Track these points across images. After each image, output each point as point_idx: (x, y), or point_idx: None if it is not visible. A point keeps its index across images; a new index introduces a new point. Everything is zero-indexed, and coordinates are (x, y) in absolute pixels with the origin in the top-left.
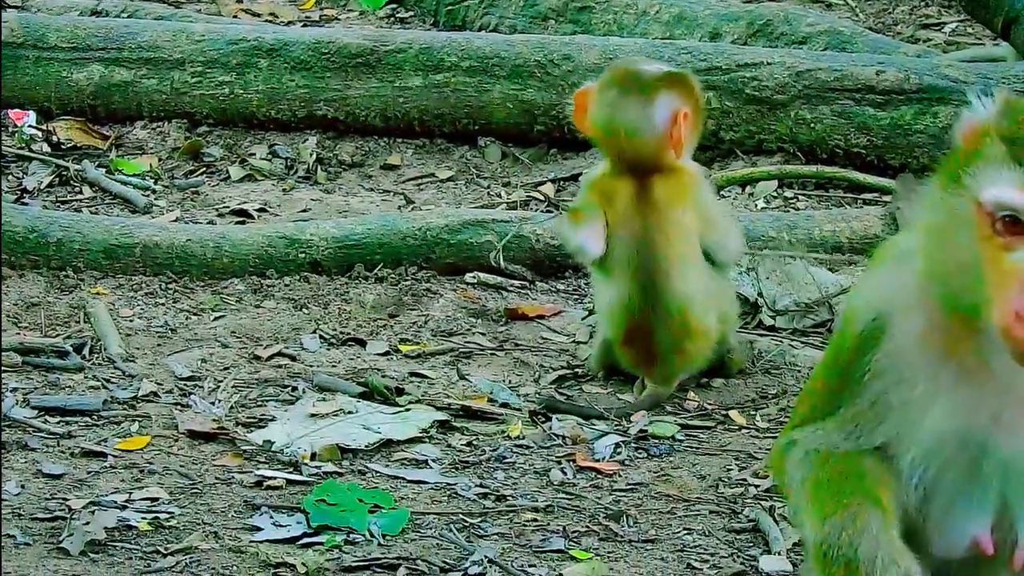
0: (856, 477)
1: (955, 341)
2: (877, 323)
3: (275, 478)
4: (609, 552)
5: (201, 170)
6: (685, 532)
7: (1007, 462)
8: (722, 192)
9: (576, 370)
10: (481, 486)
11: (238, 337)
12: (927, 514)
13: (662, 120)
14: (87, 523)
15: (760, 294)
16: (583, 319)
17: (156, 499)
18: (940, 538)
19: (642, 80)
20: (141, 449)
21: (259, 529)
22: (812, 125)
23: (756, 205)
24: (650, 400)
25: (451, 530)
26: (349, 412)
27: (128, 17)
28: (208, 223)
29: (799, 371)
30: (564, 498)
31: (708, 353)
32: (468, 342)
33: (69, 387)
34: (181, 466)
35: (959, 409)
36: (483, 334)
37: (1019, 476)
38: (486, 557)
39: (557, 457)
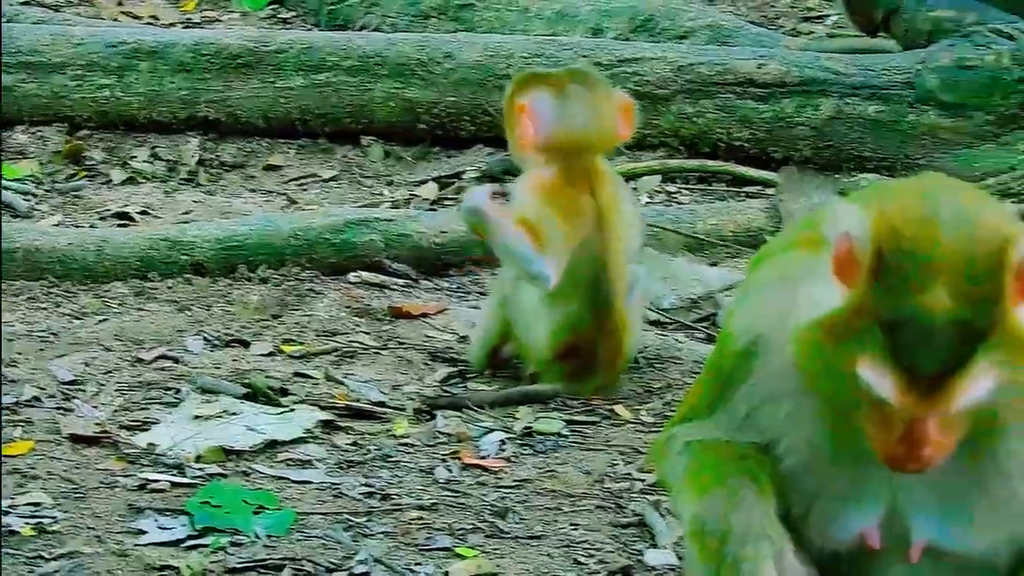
0: (736, 460)
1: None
2: (753, 347)
3: (159, 481)
4: (495, 549)
5: (82, 174)
6: (571, 528)
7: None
8: None
9: (461, 368)
10: (366, 485)
11: (121, 340)
12: (811, 508)
13: (617, 117)
14: None
15: (648, 290)
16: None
17: (39, 504)
18: (826, 531)
19: (593, 80)
20: (24, 455)
21: (143, 532)
22: (694, 119)
23: (640, 200)
24: (534, 393)
25: (336, 530)
26: (233, 413)
27: (7, 22)
28: (90, 227)
29: (684, 365)
30: (449, 496)
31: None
32: (352, 341)
33: None
34: (64, 470)
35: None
36: (367, 333)
37: (905, 478)
38: (372, 556)
39: (442, 455)
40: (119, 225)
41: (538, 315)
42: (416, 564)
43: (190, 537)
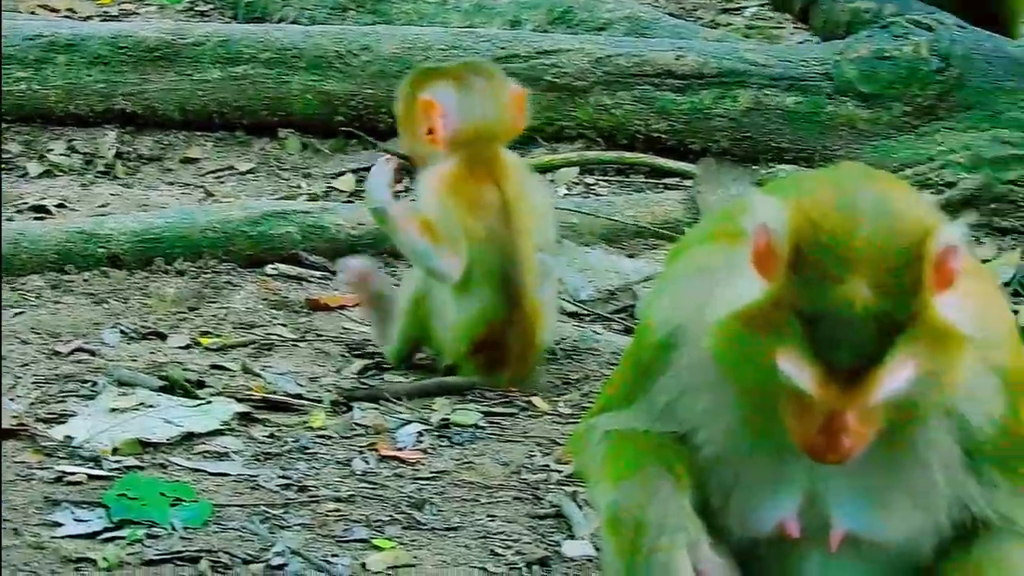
0: (653, 450)
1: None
2: (672, 338)
3: (76, 473)
4: (412, 540)
5: None
6: (488, 519)
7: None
8: None
9: (378, 360)
10: (283, 477)
11: (37, 333)
12: (730, 498)
13: (514, 106)
14: None
15: (560, 279)
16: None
17: None
18: (745, 521)
19: (489, 71)
20: None
21: (60, 525)
22: (612, 111)
23: (558, 192)
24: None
25: (253, 522)
26: (150, 406)
27: None
28: (6, 220)
29: (601, 357)
30: (367, 488)
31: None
32: (269, 334)
33: None
34: None
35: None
36: (284, 325)
37: (825, 468)
38: (289, 548)
39: (359, 447)
40: (36, 218)
41: (451, 308)
42: (333, 556)
43: (107, 529)
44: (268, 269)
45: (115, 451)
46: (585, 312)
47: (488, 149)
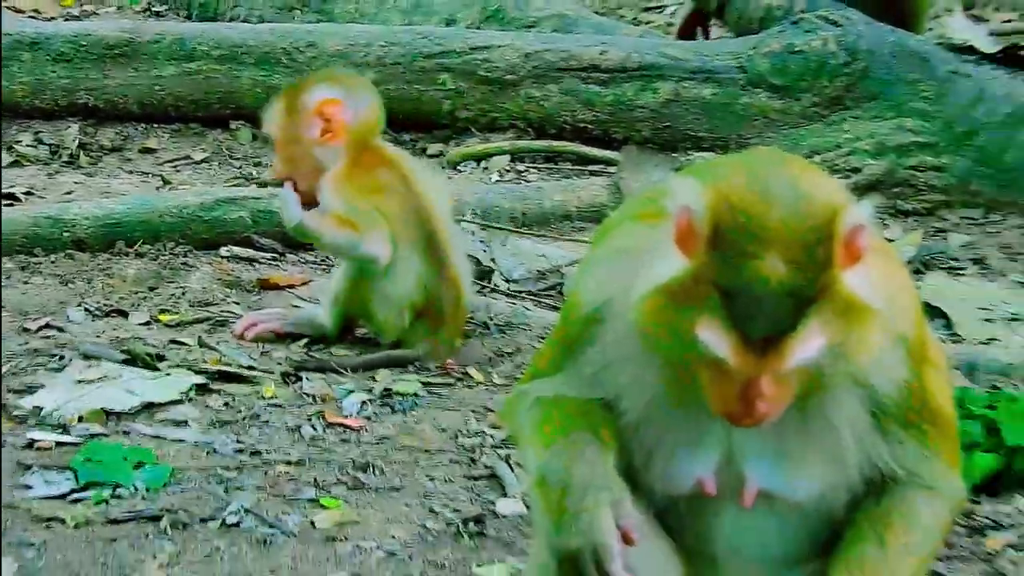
0: (580, 415)
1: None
2: (598, 313)
3: (45, 440)
4: (357, 500)
5: None
6: (427, 480)
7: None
8: (458, 167)
9: (324, 334)
10: (238, 443)
11: (8, 311)
12: (652, 459)
13: (379, 106)
14: None
15: (493, 260)
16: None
17: None
18: (665, 480)
19: (358, 76)
20: None
21: (30, 487)
22: (541, 103)
23: (491, 179)
24: (427, 354)
25: (210, 483)
26: (113, 378)
27: None
28: None
29: (532, 331)
30: (315, 452)
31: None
32: (223, 311)
33: None
34: None
35: (680, 393)
36: (237, 303)
37: (744, 438)
38: (243, 507)
39: (308, 415)
40: (6, 205)
41: (390, 284)
42: (284, 514)
43: (74, 491)
44: (222, 251)
45: (81, 419)
46: (517, 291)
47: (372, 142)
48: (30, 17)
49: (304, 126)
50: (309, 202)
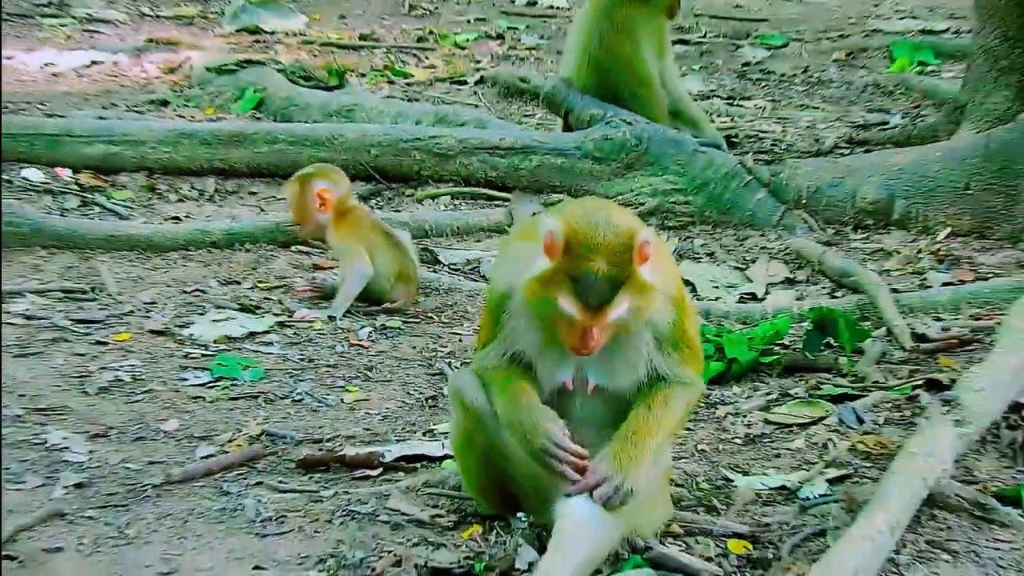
0: (516, 376)
1: (546, 316)
2: (505, 293)
3: (194, 353)
4: (367, 387)
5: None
6: (405, 376)
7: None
8: (422, 202)
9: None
10: (300, 355)
11: (174, 281)
12: (540, 373)
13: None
14: None
15: (439, 255)
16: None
17: (133, 365)
18: (547, 382)
19: (335, 169)
20: (125, 340)
21: (186, 380)
22: (468, 167)
23: (440, 208)
24: (403, 305)
25: (285, 377)
26: (232, 318)
27: None
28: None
29: (463, 293)
30: (343, 360)
31: None
32: (292, 280)
33: None
34: (147, 349)
35: (554, 341)
36: (300, 277)
37: (585, 361)
38: (304, 391)
39: (340, 340)
40: (172, 221)
41: (377, 269)
42: (326, 395)
43: (210, 382)
44: (292, 248)
45: (214, 341)
46: (455, 270)
47: (348, 204)
48: (189, 120)
49: (310, 202)
50: (316, 238)
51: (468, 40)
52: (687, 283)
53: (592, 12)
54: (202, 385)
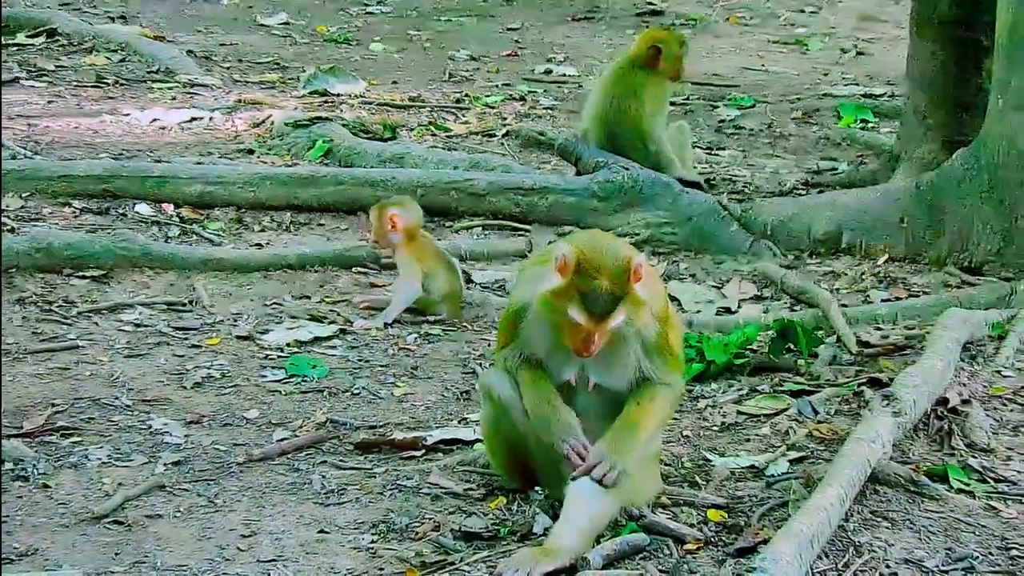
0: (539, 378)
1: (556, 323)
2: (523, 306)
3: (272, 355)
4: (413, 383)
5: None
6: (445, 374)
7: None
8: (458, 232)
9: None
10: (359, 357)
11: (256, 296)
12: (551, 371)
13: (419, 215)
14: None
15: (472, 275)
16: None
17: (214, 364)
18: (556, 379)
19: (410, 199)
20: (215, 345)
21: (265, 376)
22: (496, 203)
23: (474, 237)
24: (447, 319)
25: (345, 375)
26: (302, 326)
27: None
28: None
29: (492, 306)
30: (394, 361)
31: None
32: (352, 295)
33: None
34: (234, 352)
35: (561, 345)
36: (359, 292)
37: (587, 362)
38: (362, 386)
39: (391, 344)
40: (255, 247)
41: (435, 290)
42: (380, 389)
43: (284, 379)
44: (353, 269)
45: (288, 345)
46: (484, 288)
47: (415, 232)
48: (270, 165)
49: (384, 225)
50: (389, 257)
51: (496, 101)
52: (674, 299)
53: (609, 77)
54: (278, 381)
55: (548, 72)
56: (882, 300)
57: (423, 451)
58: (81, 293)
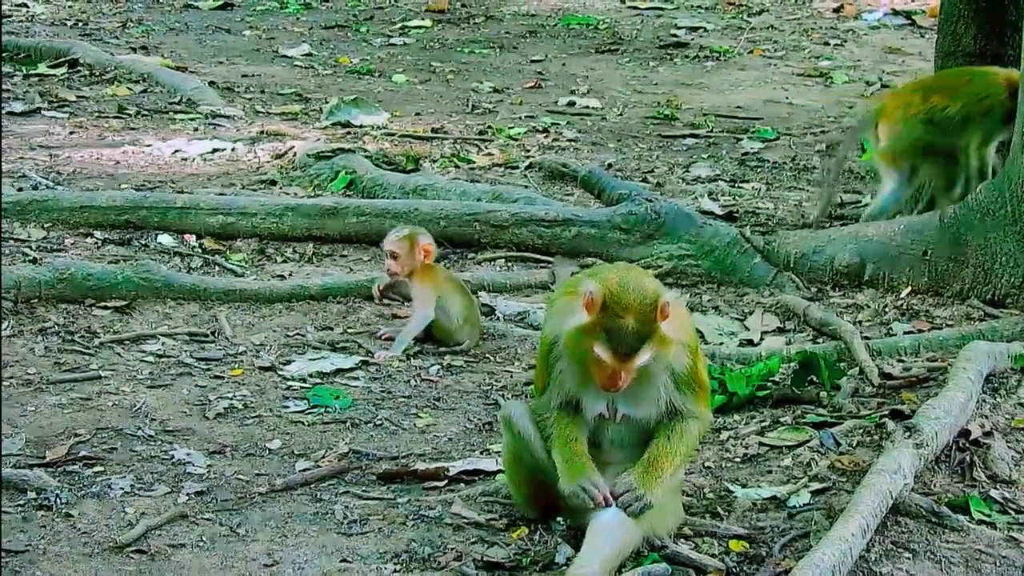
0: (567, 427)
1: (584, 359)
2: (554, 340)
3: (294, 385)
4: (436, 414)
5: None
6: (467, 405)
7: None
8: (481, 263)
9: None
10: (381, 388)
11: (279, 327)
12: (583, 406)
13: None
14: None
15: (495, 308)
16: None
17: (240, 396)
18: (588, 413)
19: (423, 231)
20: (238, 376)
21: (288, 407)
22: (518, 234)
23: (496, 268)
24: (468, 346)
25: (368, 406)
26: (324, 357)
27: None
28: None
29: (514, 337)
30: (416, 392)
31: None
32: (375, 327)
33: None
34: (257, 383)
35: (591, 379)
36: (381, 325)
37: (615, 395)
38: (384, 417)
39: (414, 375)
40: (278, 278)
41: (452, 314)
42: (402, 419)
43: (307, 410)
44: (375, 301)
45: (311, 376)
46: (507, 320)
47: (431, 261)
48: (292, 196)
49: (417, 254)
50: (400, 291)
51: (519, 133)
52: (698, 331)
53: None
54: (300, 412)
55: (571, 104)
56: (905, 332)
57: (445, 481)
58: (103, 324)
